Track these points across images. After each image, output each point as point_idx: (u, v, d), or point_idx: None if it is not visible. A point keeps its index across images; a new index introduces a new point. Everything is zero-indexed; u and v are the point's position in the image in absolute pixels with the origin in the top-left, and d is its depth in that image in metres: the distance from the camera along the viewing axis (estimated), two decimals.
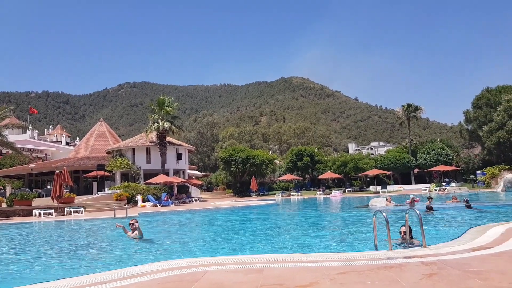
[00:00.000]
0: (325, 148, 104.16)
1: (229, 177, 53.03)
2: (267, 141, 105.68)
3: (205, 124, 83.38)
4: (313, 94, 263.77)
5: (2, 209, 24.38)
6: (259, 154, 50.27)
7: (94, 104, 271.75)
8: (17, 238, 14.94)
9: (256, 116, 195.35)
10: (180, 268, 6.11)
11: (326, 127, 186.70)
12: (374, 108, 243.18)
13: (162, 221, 19.84)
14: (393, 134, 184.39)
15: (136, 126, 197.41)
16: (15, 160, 50.84)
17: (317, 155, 57.46)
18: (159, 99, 39.21)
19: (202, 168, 74.59)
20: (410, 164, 52.84)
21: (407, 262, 6.00)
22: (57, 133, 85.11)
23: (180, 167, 42.03)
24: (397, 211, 17.87)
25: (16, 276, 7.84)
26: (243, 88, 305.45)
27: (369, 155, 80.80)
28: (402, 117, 58.36)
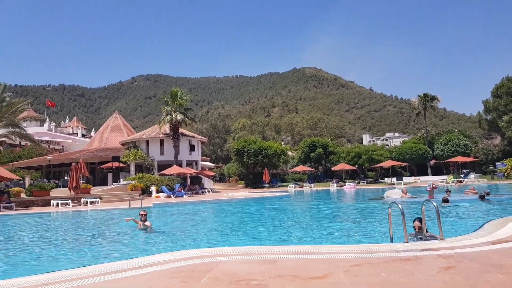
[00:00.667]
0: (339, 139, 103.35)
1: (241, 168, 53.13)
2: (280, 133, 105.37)
3: (218, 116, 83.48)
4: (326, 84, 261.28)
5: (22, 199, 24.95)
6: (272, 145, 50.17)
7: (109, 97, 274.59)
8: (35, 227, 15.24)
9: (268, 107, 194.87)
10: (193, 258, 6.12)
11: (340, 118, 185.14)
12: (389, 98, 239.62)
13: (176, 212, 20.01)
14: (409, 125, 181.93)
15: (150, 118, 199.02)
16: (33, 152, 51.81)
17: (331, 146, 57.00)
18: (172, 91, 39.35)
19: (214, 159, 74.88)
20: (427, 155, 51.96)
21: (424, 254, 5.89)
22: (73, 125, 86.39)
23: (193, 159, 42.25)
24: (413, 203, 17.64)
25: (32, 264, 7.99)
26: (255, 79, 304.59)
27: (384, 146, 79.83)
28: (418, 107, 57.22)
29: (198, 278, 4.85)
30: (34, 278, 5.20)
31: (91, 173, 38.35)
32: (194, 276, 5.00)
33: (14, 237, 12.48)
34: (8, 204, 22.12)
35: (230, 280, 4.74)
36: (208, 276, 4.93)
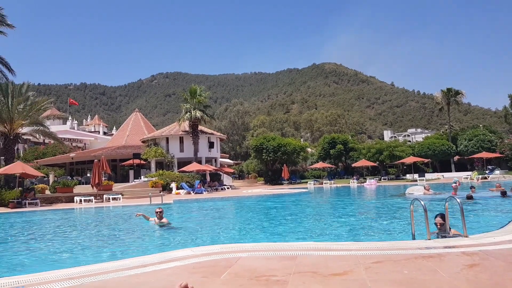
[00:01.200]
0: (359, 136, 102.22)
1: (260, 165, 53.18)
2: (299, 129, 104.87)
3: (236, 113, 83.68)
4: (346, 80, 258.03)
5: (46, 196, 25.66)
6: (291, 142, 50.00)
7: (129, 95, 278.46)
8: (59, 223, 15.65)
9: (287, 103, 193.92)
10: (214, 253, 6.18)
11: (360, 114, 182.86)
12: (411, 93, 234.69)
13: (196, 208, 20.20)
14: (432, 120, 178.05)
15: (169, 115, 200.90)
16: (56, 150, 53.08)
17: (351, 143, 56.40)
18: (191, 88, 39.65)
19: (233, 156, 75.17)
20: (450, 151, 50.85)
21: (447, 252, 5.78)
22: (95, 123, 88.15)
23: (212, 156, 42.55)
24: (436, 200, 17.31)
25: (57, 259, 8.20)
26: (274, 76, 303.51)
27: (405, 142, 78.59)
28: (442, 102, 56.04)
29: (219, 274, 4.90)
30: (59, 272, 5.34)
31: (112, 170, 39.12)
32: (214, 272, 5.04)
33: (39, 233, 12.85)
34: (33, 200, 22.78)
35: (250, 276, 4.76)
36: (228, 272, 4.96)
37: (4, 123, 26.71)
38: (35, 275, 5.26)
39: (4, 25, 27.79)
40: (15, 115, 27.07)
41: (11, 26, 28.12)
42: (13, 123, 26.99)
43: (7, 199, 22.30)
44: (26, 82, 29.37)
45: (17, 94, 27.66)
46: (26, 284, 4.72)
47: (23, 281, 4.91)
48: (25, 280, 4.98)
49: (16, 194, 22.74)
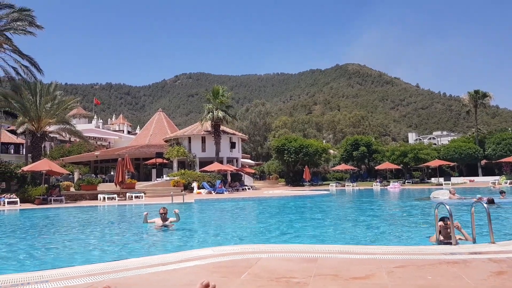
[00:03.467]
0: (383, 138, 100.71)
1: (281, 166, 53.01)
2: (321, 130, 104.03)
3: (258, 113, 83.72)
4: (370, 81, 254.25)
5: (71, 193, 26.25)
6: (313, 143, 49.65)
7: (153, 95, 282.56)
8: (83, 220, 16.01)
9: (309, 104, 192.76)
10: (234, 254, 6.18)
11: (384, 116, 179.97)
12: (437, 95, 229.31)
13: (217, 208, 20.29)
14: (458, 123, 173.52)
15: (192, 115, 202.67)
16: (82, 148, 54.38)
17: (374, 145, 55.49)
18: (214, 89, 39.93)
19: (254, 157, 75.24)
20: (477, 155, 49.41)
21: (473, 258, 5.60)
22: (120, 122, 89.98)
23: (233, 156, 42.71)
24: (462, 205, 16.83)
25: (76, 255, 8.37)
26: (296, 77, 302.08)
27: (431, 145, 76.76)
28: (469, 104, 54.49)
29: (238, 274, 4.89)
30: (81, 268, 5.44)
31: (136, 169, 39.72)
32: (234, 272, 5.04)
33: (63, 229, 13.17)
34: (58, 197, 23.33)
35: (270, 277, 4.73)
36: (248, 272, 4.95)
37: (32, 121, 27.56)
38: (58, 270, 5.39)
39: (34, 26, 28.65)
40: (42, 114, 27.88)
41: (40, 27, 28.97)
42: (40, 121, 27.80)
43: (34, 195, 22.92)
44: (53, 82, 30.28)
45: (45, 93, 28.48)
46: (49, 279, 4.82)
47: (46, 276, 5.03)
48: (48, 275, 5.10)
49: (42, 190, 23.32)
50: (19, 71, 30.03)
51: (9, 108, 28.91)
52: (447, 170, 52.73)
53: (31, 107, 27.58)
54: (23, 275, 5.17)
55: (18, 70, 30.02)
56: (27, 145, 31.30)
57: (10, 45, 28.83)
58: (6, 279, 4.84)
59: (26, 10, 28.47)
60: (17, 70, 30.02)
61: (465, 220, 11.70)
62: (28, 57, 29.94)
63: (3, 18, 28.21)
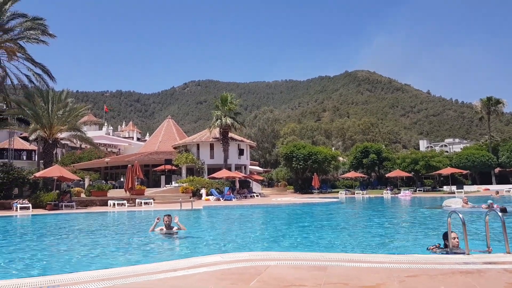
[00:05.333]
0: (394, 145, 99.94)
1: (290, 173, 52.85)
2: (330, 137, 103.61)
3: (266, 120, 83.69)
4: (380, 88, 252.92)
5: (81, 199, 26.53)
6: (321, 150, 49.44)
7: (162, 102, 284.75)
8: (93, 226, 16.09)
9: (318, 111, 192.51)
10: (243, 261, 6.14)
11: (395, 123, 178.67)
12: (449, 102, 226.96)
13: (225, 215, 20.26)
14: (471, 130, 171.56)
15: (201, 122, 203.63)
16: (92, 154, 54.92)
17: (385, 152, 54.99)
18: (222, 96, 40.11)
19: (263, 164, 75.14)
20: (491, 163, 48.74)
21: (487, 268, 5.48)
22: (129, 129, 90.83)
23: (241, 163, 42.70)
24: (475, 214, 16.57)
25: (87, 260, 8.39)
26: (305, 84, 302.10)
27: (443, 152, 75.96)
28: (481, 111, 53.96)
29: (247, 281, 4.84)
30: (93, 273, 5.45)
31: (145, 175, 39.98)
32: (243, 279, 5.00)
33: (73, 234, 13.24)
34: (69, 203, 23.55)
35: (279, 284, 4.68)
36: (257, 280, 4.90)
37: (44, 128, 27.92)
38: (69, 275, 5.41)
39: (46, 34, 29.12)
40: (54, 121, 28.25)
41: (53, 35, 29.43)
42: (52, 128, 28.16)
43: (45, 201, 23.15)
44: (65, 89, 30.67)
45: (57, 101, 28.87)
46: (60, 283, 4.84)
47: (58, 280, 5.05)
48: (59, 279, 5.12)
49: (54, 196, 23.57)
50: (32, 79, 30.53)
51: (22, 115, 29.35)
52: (460, 178, 52.05)
53: (43, 114, 27.97)
54: (35, 280, 5.21)
55: (31, 78, 30.52)
56: (39, 152, 31.67)
57: (23, 54, 29.33)
58: (18, 283, 4.87)
59: (39, 19, 28.98)
60: (30, 78, 30.53)
61: (478, 229, 11.51)
62: (40, 65, 30.43)
63: (17, 27, 28.75)
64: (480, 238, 9.44)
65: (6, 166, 25.33)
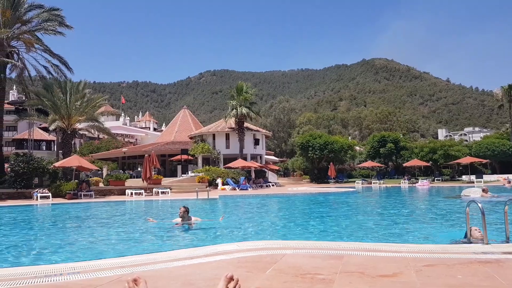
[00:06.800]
0: (412, 134, 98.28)
1: (306, 163, 52.66)
2: (347, 127, 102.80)
3: (282, 110, 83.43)
4: (398, 76, 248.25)
5: (100, 188, 27.01)
6: (338, 140, 49.05)
7: (178, 92, 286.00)
8: (112, 214, 16.42)
9: (334, 100, 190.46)
10: (258, 249, 6.18)
11: (413, 112, 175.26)
12: (469, 90, 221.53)
13: (241, 204, 20.40)
14: (491, 119, 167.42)
15: (216, 112, 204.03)
16: (110, 145, 55.85)
17: (402, 141, 54.18)
18: (237, 85, 40.10)
19: (279, 153, 75.11)
20: (511, 152, 47.72)
21: (506, 258, 5.39)
22: (146, 119, 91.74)
23: (257, 152, 42.76)
24: (495, 203, 16.26)
25: (104, 247, 8.58)
26: (321, 72, 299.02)
27: (462, 141, 74.63)
28: (502, 99, 52.81)
29: (263, 269, 4.89)
30: (112, 261, 5.58)
31: (162, 165, 40.43)
32: (259, 267, 5.04)
33: (93, 223, 13.55)
34: (88, 192, 23.95)
35: (295, 273, 4.70)
36: (273, 268, 4.94)
37: (63, 118, 28.36)
38: (89, 262, 5.56)
39: (63, 26, 29.46)
40: (72, 111, 28.66)
41: (70, 26, 29.77)
42: (70, 118, 28.59)
43: (65, 190, 23.63)
44: (83, 80, 31.00)
45: (74, 92, 29.23)
46: (80, 270, 4.96)
47: (78, 267, 5.18)
48: (79, 266, 5.26)
49: (73, 186, 24.08)
50: (50, 70, 31.08)
51: (41, 106, 29.86)
52: (479, 167, 51.06)
53: (62, 105, 28.38)
54: (57, 266, 5.36)
55: (49, 69, 31.07)
56: (58, 142, 32.28)
57: (41, 45, 29.81)
58: (40, 270, 5.02)
59: (56, 9, 29.27)
60: (48, 69, 31.08)
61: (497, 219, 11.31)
62: (58, 56, 30.91)
63: (34, 19, 29.12)
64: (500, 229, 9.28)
65: (26, 156, 25.82)
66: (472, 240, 6.91)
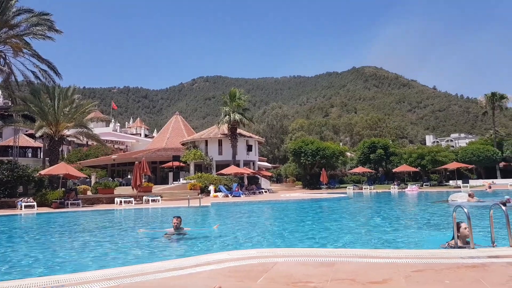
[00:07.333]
0: (400, 140, 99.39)
1: (298, 169, 52.77)
2: (338, 133, 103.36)
3: (275, 116, 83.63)
4: (387, 83, 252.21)
5: (88, 196, 26.20)
6: (329, 146, 49.30)
7: (171, 98, 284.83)
8: (99, 224, 16.25)
9: (326, 107, 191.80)
10: (250, 258, 6.20)
11: (401, 118, 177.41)
12: (454, 98, 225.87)
13: (233, 211, 20.33)
14: (476, 125, 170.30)
15: (209, 118, 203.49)
16: (99, 151, 55.07)
17: (392, 147, 54.81)
18: (230, 92, 40.11)
19: (271, 159, 75.14)
20: (495, 157, 48.76)
21: (492, 262, 5.50)
22: (137, 125, 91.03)
23: (250, 159, 42.75)
24: (481, 208, 16.49)
25: (90, 259, 8.51)
26: (313, 79, 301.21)
27: (448, 147, 75.68)
28: (486, 106, 53.96)
29: (255, 278, 4.91)
30: (98, 273, 5.52)
31: (152, 172, 40.16)
32: (250, 276, 5.06)
33: (79, 233, 13.33)
34: (75, 201, 23.29)
35: (287, 281, 4.74)
36: (264, 277, 4.97)
37: (50, 125, 27.66)
38: (74, 275, 5.39)
39: (53, 30, 29.02)
40: (60, 117, 27.95)
41: (59, 31, 29.29)
42: (58, 125, 27.88)
43: (51, 199, 22.94)
44: (72, 86, 30.21)
45: (63, 97, 28.45)
46: (65, 283, 4.87)
47: (63, 280, 5.07)
48: (65, 279, 5.13)
49: (59, 194, 23.34)
50: (38, 75, 30.38)
51: (28, 111, 28.90)
52: (465, 172, 51.93)
53: (50, 111, 27.66)
54: (39, 280, 5.17)
55: (37, 74, 30.38)
56: (45, 149, 31.37)
57: (29, 50, 29.27)
58: (23, 284, 4.89)
59: (45, 14, 28.76)
60: (36, 74, 30.38)
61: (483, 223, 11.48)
62: (47, 61, 30.33)
63: (23, 23, 28.63)
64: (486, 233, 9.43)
65: (11, 164, 25.04)
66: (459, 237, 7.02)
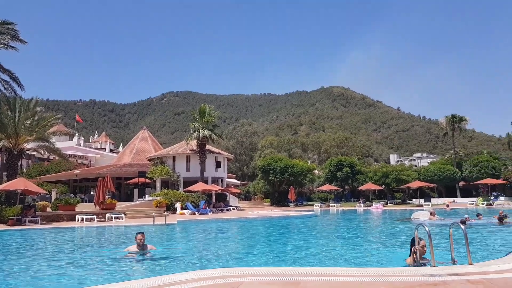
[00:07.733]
0: (366, 159, 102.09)
1: (267, 186, 52.94)
2: (306, 151, 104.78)
3: (244, 133, 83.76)
4: (354, 103, 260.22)
5: (47, 213, 25.04)
6: (298, 163, 49.86)
7: (138, 113, 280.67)
8: (56, 242, 15.56)
9: (295, 125, 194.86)
10: (215, 278, 6.10)
11: (367, 138, 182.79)
12: (417, 119, 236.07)
13: (200, 229, 20.06)
14: (437, 146, 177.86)
15: (178, 134, 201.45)
16: (61, 166, 52.97)
17: (358, 166, 56.18)
18: (200, 107, 39.94)
19: (240, 176, 74.92)
20: (455, 177, 50.94)
21: (452, 279, 5.68)
22: (102, 140, 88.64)
23: (218, 175, 42.48)
24: (442, 226, 17.07)
25: (48, 281, 8.13)
26: (283, 98, 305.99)
27: (411, 166, 78.32)
28: (446, 128, 56.47)
29: None
30: None
31: (117, 188, 39.02)
32: None
33: (35, 252, 12.60)
34: (33, 218, 22.27)
35: None
36: None
37: (9, 138, 26.49)
38: None
39: (17, 40, 28.06)
40: (21, 130, 26.88)
41: (24, 41, 28.35)
42: (18, 138, 26.76)
43: (7, 216, 21.89)
44: (34, 97, 29.16)
45: (24, 109, 27.43)
46: None
47: None
48: None
49: (17, 211, 22.29)
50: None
51: None
52: (427, 191, 53.82)
53: (9, 123, 26.53)
54: None
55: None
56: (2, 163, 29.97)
57: None
58: None
59: (9, 23, 27.80)
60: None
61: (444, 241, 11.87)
62: (8, 72, 29.11)
63: None
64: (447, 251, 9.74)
65: None
66: (418, 261, 7.25)
